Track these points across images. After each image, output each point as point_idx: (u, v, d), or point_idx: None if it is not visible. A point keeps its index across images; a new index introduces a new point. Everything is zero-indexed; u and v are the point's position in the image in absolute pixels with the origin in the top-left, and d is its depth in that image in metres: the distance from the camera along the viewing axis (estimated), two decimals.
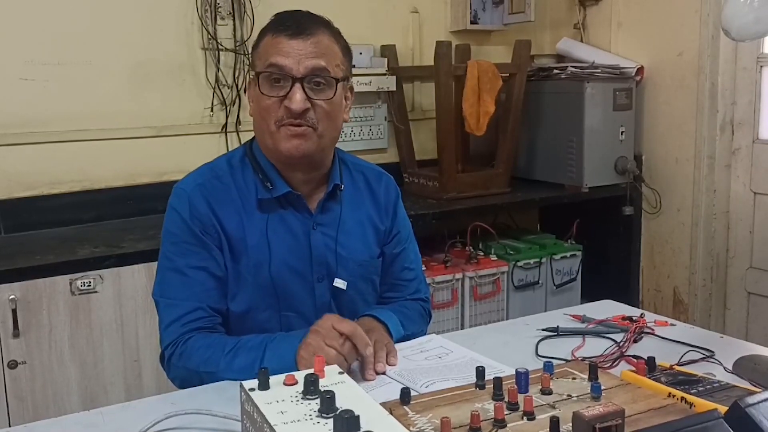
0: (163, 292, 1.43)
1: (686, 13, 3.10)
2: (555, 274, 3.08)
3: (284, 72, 1.39)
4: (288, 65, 1.38)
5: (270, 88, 1.40)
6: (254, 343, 1.34)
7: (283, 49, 1.39)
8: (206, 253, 1.42)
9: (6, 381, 2.07)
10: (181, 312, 1.40)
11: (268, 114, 1.41)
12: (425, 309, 1.67)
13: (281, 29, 1.40)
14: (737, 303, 3.16)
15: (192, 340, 1.38)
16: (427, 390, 1.20)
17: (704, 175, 3.11)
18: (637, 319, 1.56)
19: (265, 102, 1.41)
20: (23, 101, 2.53)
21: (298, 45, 1.39)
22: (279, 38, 1.40)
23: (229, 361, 1.32)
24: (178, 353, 1.38)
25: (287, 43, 1.39)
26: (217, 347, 1.35)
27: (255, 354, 1.32)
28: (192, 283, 1.41)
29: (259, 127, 1.46)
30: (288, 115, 1.39)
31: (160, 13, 2.73)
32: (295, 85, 1.39)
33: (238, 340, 1.36)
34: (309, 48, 1.39)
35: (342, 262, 1.51)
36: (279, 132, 1.41)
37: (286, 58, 1.39)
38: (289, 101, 1.38)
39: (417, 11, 3.31)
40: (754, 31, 1.61)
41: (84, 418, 1.21)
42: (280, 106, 1.40)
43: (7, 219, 2.52)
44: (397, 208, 1.63)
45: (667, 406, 1.08)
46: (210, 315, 1.42)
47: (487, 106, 2.92)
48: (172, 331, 1.40)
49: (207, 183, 1.46)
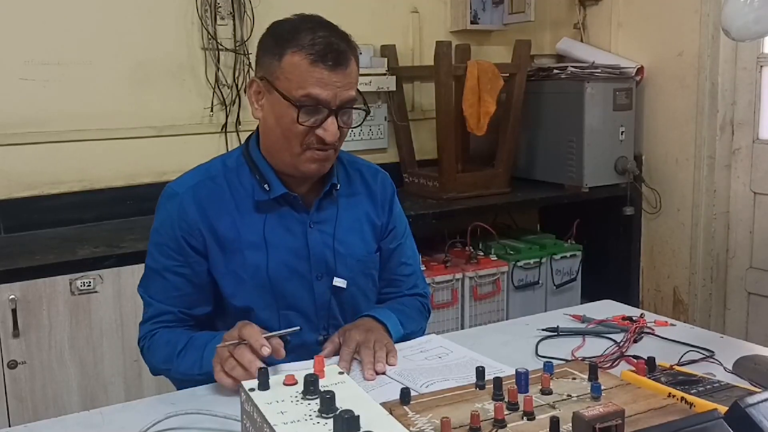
0: (145, 289, 1.50)
1: (686, 13, 3.10)
2: (555, 274, 3.08)
3: (321, 104, 1.38)
4: (327, 99, 1.38)
5: (304, 117, 1.39)
6: (198, 343, 1.39)
7: (322, 81, 1.37)
8: (185, 261, 1.45)
9: (6, 381, 2.07)
10: (155, 312, 1.47)
11: (294, 137, 1.41)
12: (424, 305, 1.68)
13: (319, 59, 1.36)
14: (737, 303, 3.16)
15: (157, 335, 1.46)
16: (427, 390, 1.20)
17: (704, 175, 3.11)
18: (637, 319, 1.56)
19: (294, 127, 1.39)
20: (23, 101, 2.53)
21: (336, 77, 1.38)
22: (318, 69, 1.36)
23: (179, 362, 1.39)
24: (146, 347, 1.47)
25: (327, 75, 1.37)
26: (171, 345, 1.42)
27: (197, 354, 1.37)
28: (168, 287, 1.46)
29: (277, 143, 1.44)
30: (318, 142, 1.41)
31: (160, 13, 2.73)
32: (331, 117, 1.39)
33: (189, 338, 1.41)
34: (345, 80, 1.39)
35: (340, 259, 1.51)
36: (304, 154, 1.42)
37: (324, 90, 1.37)
38: (324, 132, 1.39)
39: (417, 11, 3.32)
40: (754, 31, 1.62)
41: (84, 418, 1.21)
42: (309, 132, 1.40)
43: (7, 219, 2.52)
44: (393, 203, 1.64)
45: (667, 406, 1.08)
46: (180, 319, 1.47)
47: (488, 106, 2.92)
48: (144, 327, 1.48)
49: (200, 184, 1.47)
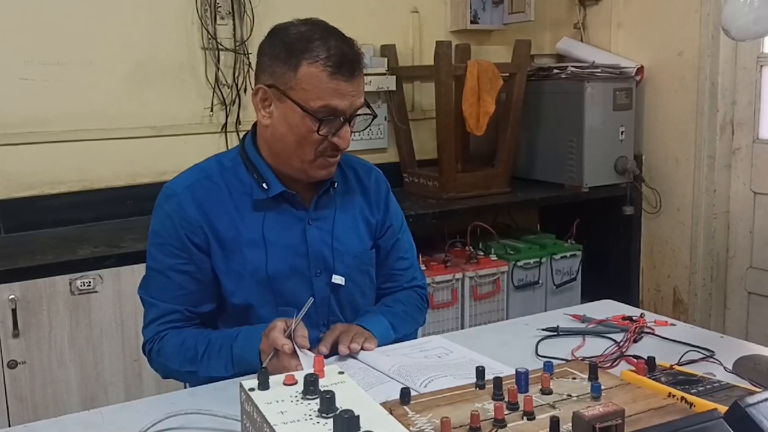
0: (147, 291, 1.49)
1: (686, 13, 3.10)
2: (555, 274, 3.08)
3: (339, 114, 1.40)
4: (344, 108, 1.40)
5: (323, 126, 1.40)
6: (223, 344, 1.40)
7: (340, 92, 1.39)
8: (189, 258, 1.45)
9: (6, 381, 2.07)
10: (160, 312, 1.46)
11: (309, 145, 1.42)
12: (422, 296, 1.69)
13: (337, 71, 1.37)
14: (737, 303, 3.16)
15: (167, 337, 1.46)
16: (426, 389, 1.20)
17: (704, 175, 3.11)
18: (637, 319, 1.56)
19: (311, 136, 1.40)
20: (23, 101, 2.53)
21: (351, 87, 1.40)
22: (336, 81, 1.38)
23: (208, 364, 1.40)
24: (156, 350, 1.47)
25: (345, 86, 1.39)
26: (189, 349, 1.42)
27: (225, 355, 1.39)
28: (173, 286, 1.45)
29: (288, 150, 1.44)
30: (332, 149, 1.43)
31: (160, 13, 2.73)
32: (345, 125, 1.41)
33: (208, 340, 1.42)
34: (358, 88, 1.42)
35: (338, 255, 1.53)
36: (316, 161, 1.44)
37: (342, 100, 1.39)
38: (340, 140, 1.42)
39: (417, 11, 3.31)
40: (754, 31, 1.62)
41: (84, 418, 1.21)
42: (323, 140, 1.42)
43: (7, 219, 2.52)
44: (389, 200, 1.65)
45: (667, 406, 1.08)
46: (187, 317, 1.47)
47: (487, 106, 2.92)
48: (151, 329, 1.48)
49: (197, 183, 1.47)
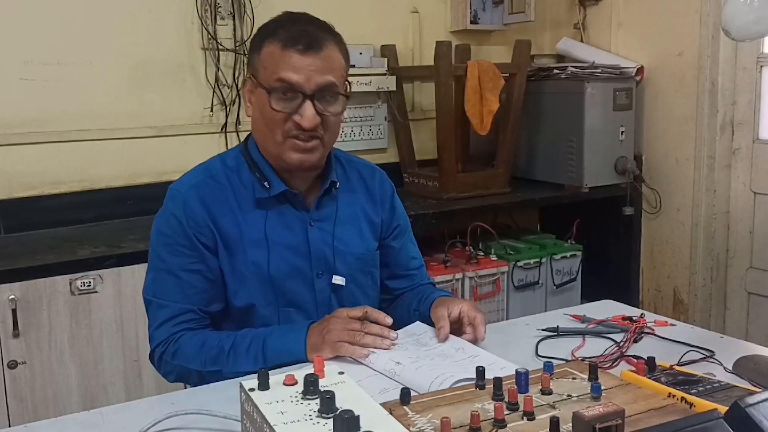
0: (155, 293, 1.46)
1: (686, 13, 3.10)
2: (555, 274, 3.08)
3: (295, 88, 1.38)
4: (299, 82, 1.38)
5: (279, 103, 1.39)
6: (254, 336, 1.39)
7: (294, 65, 1.37)
8: (199, 256, 1.44)
9: (6, 381, 2.07)
10: (173, 313, 1.44)
11: (275, 125, 1.41)
12: None
13: (290, 44, 1.37)
14: (737, 303, 3.16)
15: (183, 338, 1.42)
16: (438, 387, 1.19)
17: (704, 175, 3.11)
18: (637, 319, 1.55)
19: (272, 114, 1.40)
20: (23, 101, 2.53)
21: (308, 61, 1.37)
22: (289, 52, 1.37)
23: (235, 360, 1.37)
24: (171, 351, 1.42)
25: (298, 58, 1.37)
26: (212, 347, 1.39)
27: (256, 347, 1.37)
28: (184, 286, 1.44)
29: (263, 134, 1.46)
30: (297, 129, 1.40)
31: (160, 13, 2.73)
32: (306, 101, 1.39)
33: (234, 338, 1.40)
34: (319, 63, 1.38)
35: (340, 256, 1.52)
36: (285, 143, 1.42)
37: (296, 74, 1.37)
38: (301, 118, 1.39)
39: (417, 11, 3.31)
40: (754, 31, 1.61)
41: (84, 418, 1.21)
42: (288, 119, 1.40)
43: (7, 219, 2.52)
44: (394, 201, 1.65)
45: (667, 406, 1.08)
46: (200, 317, 1.45)
47: (491, 105, 2.91)
48: (163, 331, 1.44)
49: (202, 183, 1.47)
